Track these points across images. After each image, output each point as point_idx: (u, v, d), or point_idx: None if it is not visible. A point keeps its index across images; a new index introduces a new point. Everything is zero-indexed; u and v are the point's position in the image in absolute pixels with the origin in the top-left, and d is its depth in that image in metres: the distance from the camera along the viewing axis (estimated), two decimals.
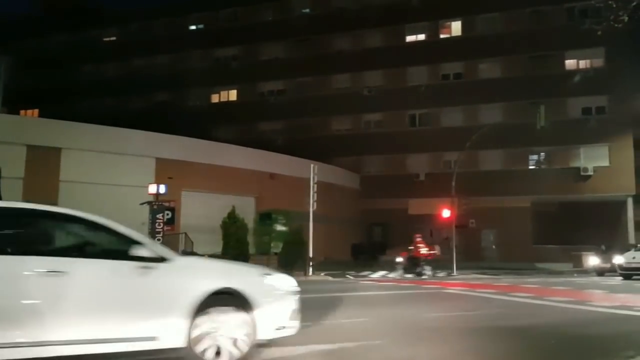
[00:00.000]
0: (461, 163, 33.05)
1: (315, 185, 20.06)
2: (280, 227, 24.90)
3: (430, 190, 32.80)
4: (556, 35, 33.75)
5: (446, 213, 24.38)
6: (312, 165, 20.29)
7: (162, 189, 17.26)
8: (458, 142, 30.48)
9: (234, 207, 18.75)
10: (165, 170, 23.66)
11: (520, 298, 11.69)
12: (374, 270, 23.54)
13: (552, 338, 7.03)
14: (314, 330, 7.40)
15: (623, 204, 32.96)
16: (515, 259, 31.43)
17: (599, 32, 11.01)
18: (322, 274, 20.15)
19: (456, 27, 36.76)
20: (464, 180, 32.40)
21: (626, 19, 11.75)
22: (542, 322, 8.39)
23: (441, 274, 21.99)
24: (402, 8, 37.03)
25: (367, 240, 36.13)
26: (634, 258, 19.89)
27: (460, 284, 16.68)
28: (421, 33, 37.31)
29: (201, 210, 24.59)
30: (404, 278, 18.97)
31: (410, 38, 37.48)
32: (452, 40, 36.55)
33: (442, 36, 36.99)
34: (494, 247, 34.22)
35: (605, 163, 32.80)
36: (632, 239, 32.84)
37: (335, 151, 36.00)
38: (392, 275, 21.00)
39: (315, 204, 20.09)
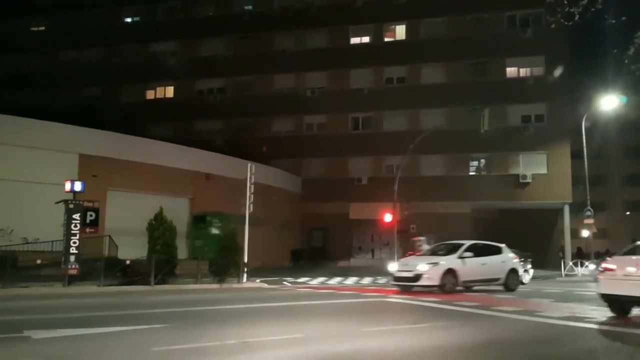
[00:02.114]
0: (403, 168, 32.91)
1: (252, 186, 18.80)
2: (215, 231, 23.46)
3: (372, 195, 32.20)
4: (498, 42, 34.02)
5: (388, 217, 23.63)
6: (249, 165, 19.03)
7: (79, 186, 15.51)
8: (400, 146, 30.24)
9: (161, 207, 17.22)
10: (89, 167, 21.78)
11: (466, 308, 10.92)
12: (314, 277, 22.48)
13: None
14: (240, 350, 6.23)
15: (560, 211, 33.46)
16: None
17: (553, 25, 10.37)
18: (258, 280, 18.93)
19: (400, 31, 36.48)
20: (405, 185, 32.09)
21: (577, 16, 11.30)
22: (502, 337, 7.57)
23: (382, 281, 21.21)
24: (347, 9, 36.41)
25: (307, 245, 35.16)
26: (406, 265, 15.53)
27: (402, 291, 15.84)
28: (365, 35, 36.82)
29: (129, 211, 22.77)
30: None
31: (354, 40, 36.93)
32: (396, 43, 36.22)
33: (386, 39, 36.60)
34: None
35: (543, 171, 33.22)
36: (568, 246, 33.46)
37: (276, 153, 34.87)
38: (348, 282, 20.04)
39: (252, 206, 18.84)
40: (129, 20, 41.23)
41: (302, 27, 36.94)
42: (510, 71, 34.73)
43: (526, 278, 20.82)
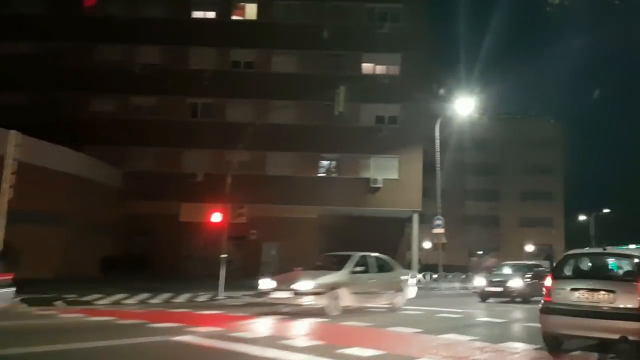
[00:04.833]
0: (246, 164, 28.97)
1: (15, 163, 13.12)
2: None
3: (209, 194, 27.29)
4: (355, 35, 31.38)
5: (217, 217, 19.16)
6: (11, 133, 13.30)
7: None
8: (245, 140, 26.40)
9: None
10: None
11: (300, 354, 6.78)
12: (110, 294, 16.92)
13: None
14: None
15: (409, 220, 31.47)
16: None
17: None
18: (18, 299, 13.17)
19: (251, 10, 32.28)
20: (248, 185, 28.12)
21: None
22: None
23: (202, 298, 16.59)
24: None
25: (124, 252, 29.09)
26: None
27: (214, 317, 11.36)
28: (210, 10, 32.08)
29: None
30: None
31: (197, 14, 31.97)
32: (245, 24, 31.99)
33: (234, 18, 32.19)
34: (271, 262, 29.99)
35: (395, 176, 30.98)
36: (415, 256, 31.55)
37: (92, 138, 28.65)
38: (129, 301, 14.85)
39: (12, 190, 13.14)
40: None
41: None
42: (367, 67, 32.21)
43: None
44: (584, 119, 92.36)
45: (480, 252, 59.83)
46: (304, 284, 12.05)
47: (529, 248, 57.52)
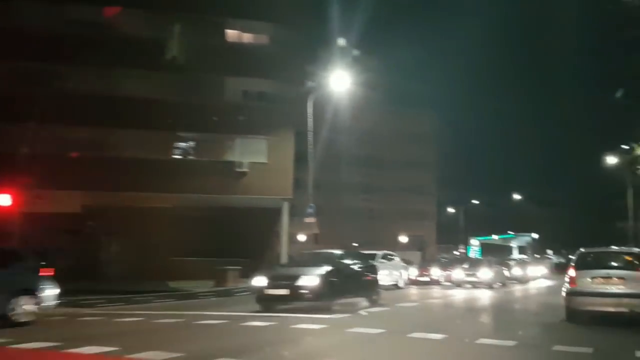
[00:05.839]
0: (84, 143, 24.73)
1: None
2: None
3: (33, 177, 22.25)
4: None
5: (5, 200, 14.65)
6: None
7: None
8: (83, 114, 22.44)
9: None
10: None
11: None
12: None
13: None
14: None
15: (280, 210, 28.26)
16: (148, 276, 23.59)
17: None
18: None
19: None
20: (85, 167, 23.88)
21: None
22: None
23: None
24: None
25: None
26: None
27: None
28: None
29: None
30: None
31: None
32: None
33: None
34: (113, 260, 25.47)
35: (263, 160, 27.55)
36: (285, 248, 28.38)
37: None
38: None
39: None
40: None
41: None
42: (231, 35, 28.45)
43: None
44: (456, 114, 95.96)
45: (356, 245, 58.77)
46: None
47: (404, 239, 57.39)
